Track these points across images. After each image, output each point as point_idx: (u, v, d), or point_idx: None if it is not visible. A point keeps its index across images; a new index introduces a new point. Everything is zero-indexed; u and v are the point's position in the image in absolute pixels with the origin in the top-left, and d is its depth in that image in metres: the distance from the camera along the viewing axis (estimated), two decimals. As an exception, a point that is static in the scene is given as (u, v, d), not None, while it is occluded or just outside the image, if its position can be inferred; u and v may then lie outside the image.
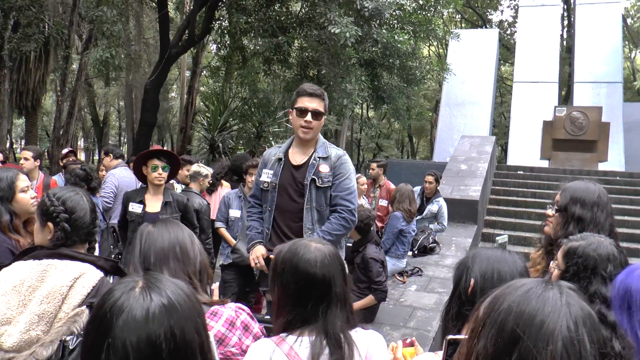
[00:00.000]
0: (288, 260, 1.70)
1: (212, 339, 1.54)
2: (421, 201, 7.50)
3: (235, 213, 5.10)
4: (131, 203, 4.24)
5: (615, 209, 8.88)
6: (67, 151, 7.11)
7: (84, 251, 2.10)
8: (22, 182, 2.63)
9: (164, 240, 1.76)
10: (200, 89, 20.77)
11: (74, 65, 17.33)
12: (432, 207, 7.44)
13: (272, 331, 1.74)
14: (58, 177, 6.23)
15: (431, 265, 6.84)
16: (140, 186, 4.80)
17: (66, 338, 1.66)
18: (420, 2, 11.98)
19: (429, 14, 12.36)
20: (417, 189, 7.50)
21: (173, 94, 31.72)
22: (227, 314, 1.75)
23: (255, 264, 3.18)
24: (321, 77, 11.56)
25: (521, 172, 12.86)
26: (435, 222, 7.50)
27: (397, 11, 11.13)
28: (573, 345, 0.86)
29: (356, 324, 1.71)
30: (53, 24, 12.59)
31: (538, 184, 11.78)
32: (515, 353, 0.88)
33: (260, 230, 3.26)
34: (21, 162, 5.65)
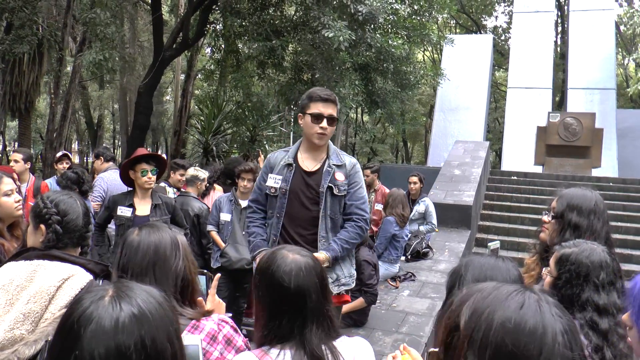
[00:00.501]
0: (264, 271, 1.65)
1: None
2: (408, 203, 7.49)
3: (225, 217, 5.05)
4: (120, 207, 4.19)
5: (608, 214, 8.94)
6: (61, 154, 6.87)
7: (76, 254, 2.10)
8: (6, 186, 2.60)
9: (143, 253, 1.69)
10: (195, 92, 20.73)
11: (68, 68, 17.26)
12: (419, 208, 7.41)
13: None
14: (52, 180, 6.09)
15: (424, 270, 6.81)
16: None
17: (50, 339, 1.62)
18: (415, 7, 11.99)
19: (423, 19, 12.36)
20: None
21: (167, 97, 31.67)
22: (209, 327, 1.68)
23: None
24: (315, 81, 11.54)
25: (515, 178, 12.87)
26: (424, 223, 7.48)
27: (392, 16, 11.12)
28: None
29: (340, 334, 1.65)
30: (47, 26, 12.55)
31: (532, 189, 11.79)
32: None
33: (265, 237, 3.17)
34: (11, 165, 5.58)
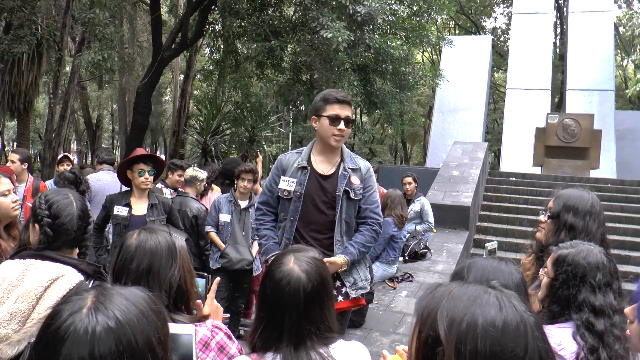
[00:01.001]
0: (266, 273, 1.63)
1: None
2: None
3: (225, 217, 5.05)
4: (116, 206, 4.19)
5: (607, 216, 8.89)
6: (62, 156, 6.85)
7: (73, 255, 2.10)
8: (3, 186, 2.59)
9: (138, 261, 1.66)
10: (194, 92, 20.74)
11: (67, 68, 17.27)
12: (415, 207, 7.42)
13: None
14: (51, 182, 6.08)
15: (422, 271, 6.82)
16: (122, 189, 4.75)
17: (33, 341, 1.61)
18: (414, 8, 11.99)
19: (422, 20, 12.36)
20: None
21: (166, 98, 31.68)
22: (202, 333, 1.66)
23: None
24: (314, 82, 11.55)
25: (513, 179, 12.87)
26: (421, 222, 7.48)
27: (390, 17, 11.12)
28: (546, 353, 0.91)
29: (336, 339, 1.62)
30: (46, 26, 12.55)
31: (530, 190, 11.79)
32: None
33: (277, 240, 3.15)
34: (8, 165, 5.58)
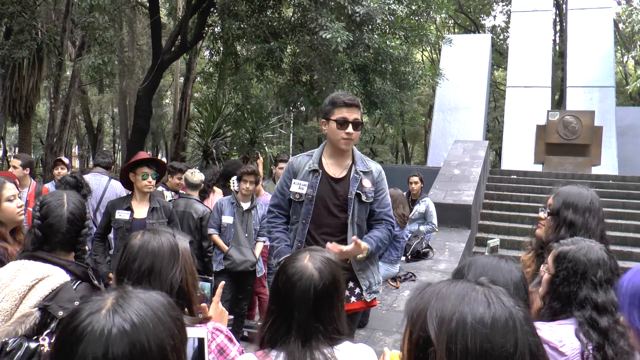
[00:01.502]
0: (278, 271, 1.64)
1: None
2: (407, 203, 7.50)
3: (227, 219, 5.06)
4: (118, 210, 4.21)
5: (608, 212, 8.93)
6: (55, 160, 6.84)
7: (69, 257, 2.12)
8: (8, 191, 2.62)
9: (140, 261, 1.67)
10: (194, 95, 20.75)
11: (67, 72, 17.29)
12: (419, 208, 7.42)
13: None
14: (50, 185, 6.15)
15: (424, 270, 6.82)
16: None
17: (7, 340, 1.64)
18: (413, 8, 11.99)
19: (421, 19, 12.35)
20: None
21: (167, 100, 31.70)
22: None
23: None
24: (314, 83, 11.56)
25: (514, 177, 12.88)
26: (425, 223, 7.49)
27: (389, 16, 11.13)
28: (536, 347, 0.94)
29: (342, 339, 1.61)
30: (46, 31, 12.57)
31: (531, 188, 11.79)
32: None
33: (289, 243, 3.17)
34: (10, 170, 5.61)
